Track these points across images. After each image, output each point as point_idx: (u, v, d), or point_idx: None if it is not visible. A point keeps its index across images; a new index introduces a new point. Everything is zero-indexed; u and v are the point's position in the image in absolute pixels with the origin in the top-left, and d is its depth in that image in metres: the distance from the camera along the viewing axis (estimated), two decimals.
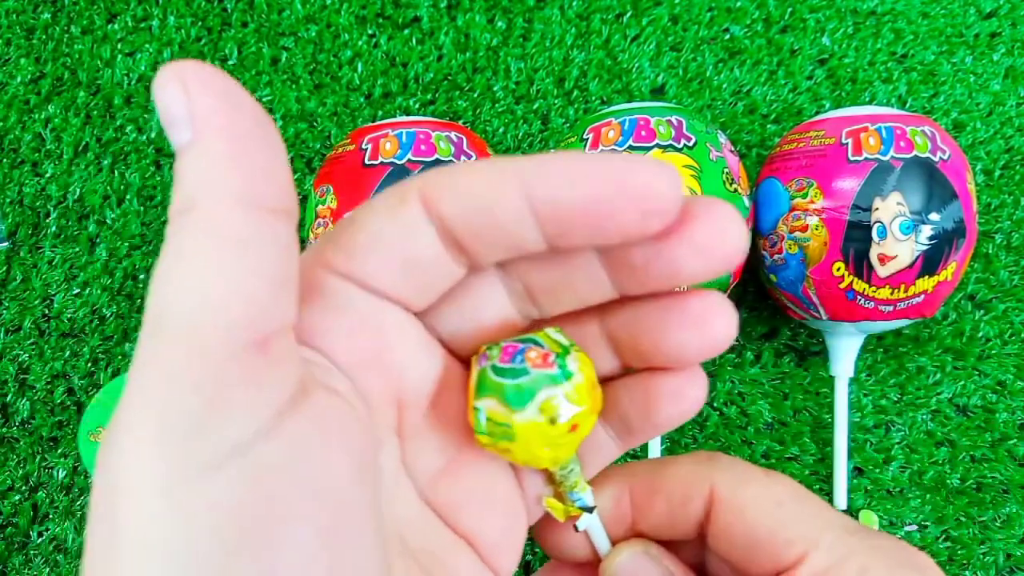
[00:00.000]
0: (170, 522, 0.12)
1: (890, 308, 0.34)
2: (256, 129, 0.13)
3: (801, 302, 0.35)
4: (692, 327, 0.17)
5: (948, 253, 0.33)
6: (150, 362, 0.13)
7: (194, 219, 0.13)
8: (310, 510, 0.13)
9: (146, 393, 0.12)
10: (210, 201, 0.13)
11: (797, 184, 0.34)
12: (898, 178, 0.32)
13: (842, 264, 0.33)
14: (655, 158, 0.17)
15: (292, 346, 0.14)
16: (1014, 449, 0.39)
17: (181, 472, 0.12)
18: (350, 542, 0.14)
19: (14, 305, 0.41)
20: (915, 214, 0.32)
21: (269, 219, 0.13)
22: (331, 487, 0.13)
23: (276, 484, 0.13)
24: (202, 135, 0.13)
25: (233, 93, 0.13)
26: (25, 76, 0.43)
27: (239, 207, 0.13)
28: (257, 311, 0.13)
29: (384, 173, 0.33)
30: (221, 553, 0.12)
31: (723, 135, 0.35)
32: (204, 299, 0.12)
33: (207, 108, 0.13)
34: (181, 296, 0.12)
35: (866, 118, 0.34)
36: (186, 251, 0.13)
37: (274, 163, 0.13)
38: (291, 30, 0.44)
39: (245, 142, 0.13)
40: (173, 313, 0.12)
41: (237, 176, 0.13)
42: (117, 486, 0.12)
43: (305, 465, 0.13)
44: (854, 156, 0.33)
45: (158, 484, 0.12)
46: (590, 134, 0.34)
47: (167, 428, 0.12)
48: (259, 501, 0.12)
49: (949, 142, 0.34)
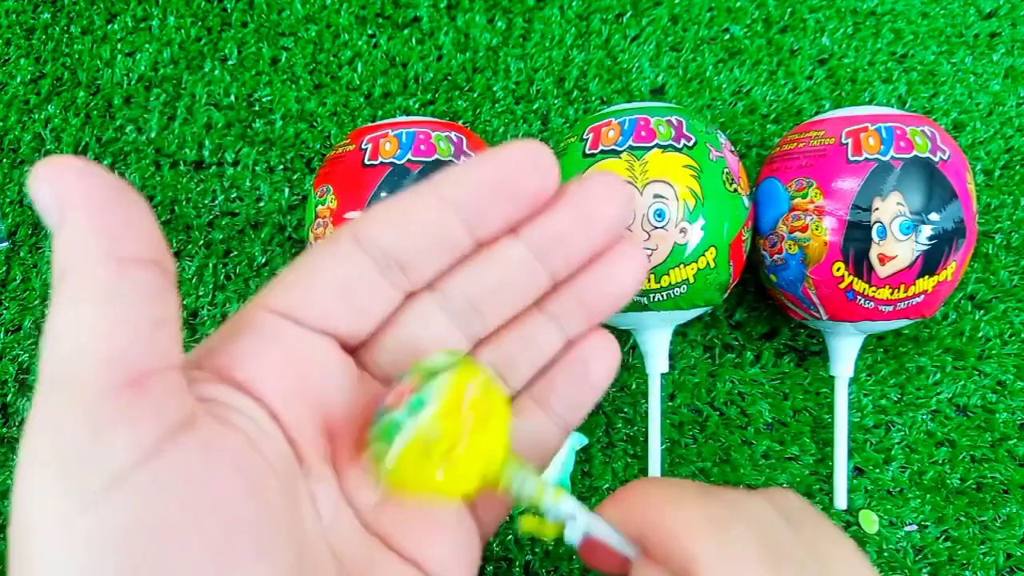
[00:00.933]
0: (70, 552, 0.13)
1: (890, 308, 0.34)
2: (114, 197, 0.15)
3: (801, 302, 0.35)
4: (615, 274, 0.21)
5: (948, 253, 0.33)
6: (40, 405, 0.14)
7: (66, 283, 0.14)
8: (197, 529, 0.14)
9: (40, 434, 0.14)
10: (75, 265, 0.14)
11: (797, 184, 0.34)
12: (898, 178, 0.32)
13: (842, 264, 0.33)
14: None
15: (175, 381, 0.15)
16: (1014, 449, 0.39)
17: (75, 503, 0.13)
18: (243, 556, 0.15)
19: (14, 305, 0.41)
20: (915, 214, 0.32)
21: (132, 270, 0.15)
22: (217, 507, 0.14)
23: (160, 507, 0.14)
24: (66, 215, 0.14)
25: (91, 173, 0.15)
26: (25, 76, 0.43)
27: (100, 265, 0.14)
28: (127, 354, 0.14)
29: (384, 173, 0.33)
30: (120, 574, 0.13)
31: (723, 135, 0.35)
32: (76, 347, 0.14)
33: (68, 191, 0.14)
34: (58, 347, 0.14)
35: (866, 118, 0.34)
36: (61, 310, 0.14)
37: (134, 222, 0.15)
38: (291, 30, 0.44)
39: (103, 210, 0.15)
40: (53, 362, 0.14)
41: (96, 240, 0.14)
42: (25, 522, 0.14)
43: (188, 488, 0.14)
44: (854, 156, 0.33)
45: (58, 515, 0.13)
46: (590, 134, 0.34)
47: (60, 463, 0.13)
48: (146, 524, 0.14)
49: (949, 142, 0.34)
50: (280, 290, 0.18)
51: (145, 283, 0.15)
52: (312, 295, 0.18)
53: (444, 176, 0.18)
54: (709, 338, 0.40)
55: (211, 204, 0.42)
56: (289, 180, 0.42)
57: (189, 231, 0.41)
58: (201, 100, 0.43)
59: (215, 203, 0.42)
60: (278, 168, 0.42)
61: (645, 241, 0.32)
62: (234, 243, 0.41)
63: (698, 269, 0.33)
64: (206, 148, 0.42)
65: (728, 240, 0.34)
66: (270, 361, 0.17)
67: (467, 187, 0.18)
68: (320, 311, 0.18)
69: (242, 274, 0.41)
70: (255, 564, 0.15)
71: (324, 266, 0.18)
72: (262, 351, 0.17)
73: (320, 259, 0.18)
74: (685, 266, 0.33)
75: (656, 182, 0.32)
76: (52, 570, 0.13)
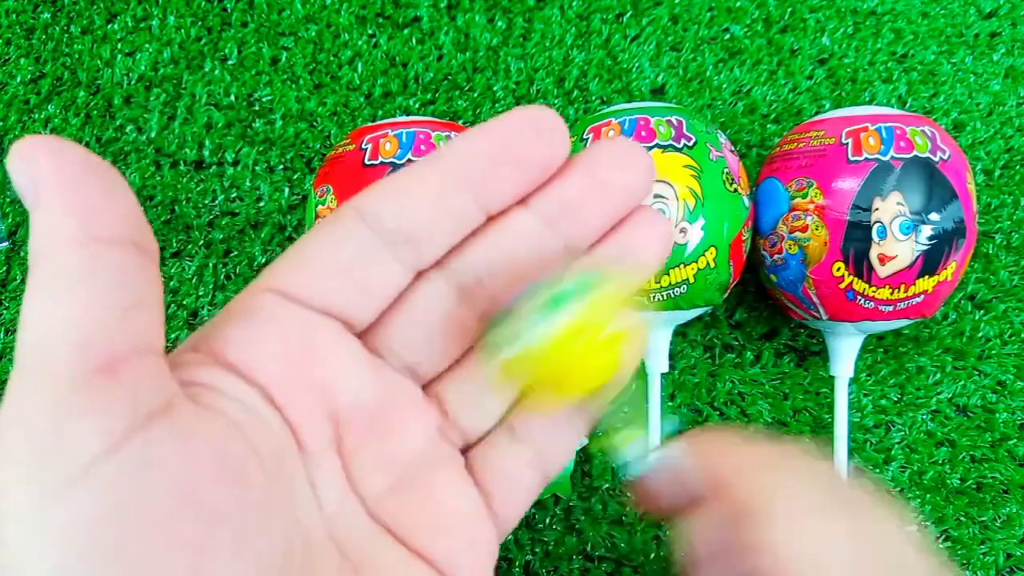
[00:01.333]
0: (40, 544, 0.13)
1: (890, 308, 0.34)
2: (89, 176, 0.14)
3: (801, 302, 0.35)
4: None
5: (948, 253, 0.33)
6: (10, 394, 0.14)
7: (38, 267, 0.14)
8: (171, 520, 0.14)
9: (10, 427, 0.13)
10: (47, 248, 0.14)
11: (797, 184, 0.34)
12: (898, 178, 0.32)
13: (842, 264, 0.33)
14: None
15: (152, 366, 0.15)
16: (1014, 449, 0.39)
17: (45, 494, 0.13)
18: (222, 547, 0.14)
19: (14, 305, 0.41)
20: (915, 214, 0.32)
21: (107, 251, 0.14)
22: (193, 496, 0.14)
23: (130, 498, 0.13)
24: (41, 195, 0.14)
25: (65, 151, 0.14)
26: (25, 76, 0.43)
27: (72, 246, 0.14)
28: (98, 338, 0.14)
29: (384, 173, 0.33)
30: (92, 568, 0.13)
31: (723, 135, 0.35)
32: (46, 332, 0.13)
33: (44, 171, 0.14)
34: (28, 333, 0.14)
35: (866, 118, 0.34)
36: (32, 295, 0.14)
37: (110, 201, 0.14)
38: (291, 30, 0.44)
39: (76, 189, 0.14)
40: (24, 349, 0.14)
41: (70, 220, 0.14)
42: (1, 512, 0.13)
43: (161, 477, 0.14)
44: (854, 156, 0.33)
45: (29, 506, 0.13)
46: (590, 134, 0.34)
47: (30, 454, 0.13)
48: (116, 516, 0.13)
49: (949, 142, 0.34)
50: (280, 270, 0.17)
51: (120, 264, 0.14)
52: (313, 274, 0.17)
53: (449, 146, 0.18)
54: (709, 338, 0.40)
55: (211, 204, 0.42)
56: (289, 180, 0.42)
57: (189, 231, 0.41)
58: (201, 100, 0.43)
59: (215, 203, 0.42)
60: (278, 168, 0.42)
61: None
62: (234, 243, 0.41)
63: (698, 269, 0.33)
64: (206, 148, 0.42)
65: (728, 240, 0.34)
66: (266, 342, 0.17)
67: (473, 156, 0.18)
68: (322, 290, 0.17)
69: (242, 274, 0.41)
70: (236, 555, 0.14)
71: (326, 243, 0.17)
72: (257, 332, 0.17)
73: (322, 236, 0.17)
74: (685, 266, 0.33)
75: (656, 182, 0.32)
76: (23, 562, 0.13)
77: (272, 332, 0.17)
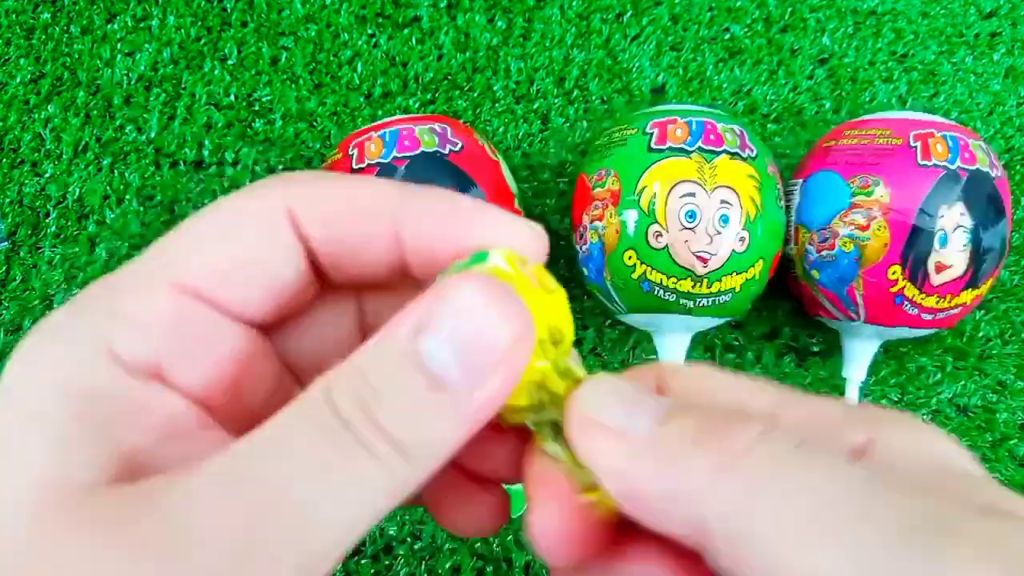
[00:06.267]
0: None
1: (930, 317, 0.33)
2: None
3: (841, 301, 0.35)
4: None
5: (990, 270, 0.33)
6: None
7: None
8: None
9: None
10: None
11: (861, 181, 0.33)
12: (963, 188, 0.32)
13: (899, 268, 0.33)
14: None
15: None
16: (1014, 449, 0.39)
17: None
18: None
19: (14, 305, 0.41)
20: (974, 227, 0.32)
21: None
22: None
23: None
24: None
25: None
26: (25, 76, 0.43)
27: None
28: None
29: (372, 175, 0.33)
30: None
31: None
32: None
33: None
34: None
35: (930, 124, 0.34)
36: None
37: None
38: (291, 30, 0.44)
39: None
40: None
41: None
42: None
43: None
44: (923, 160, 0.33)
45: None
46: (654, 128, 0.33)
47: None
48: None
49: (997, 161, 0.34)
50: (165, 254, 0.16)
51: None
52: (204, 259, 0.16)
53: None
54: (709, 338, 0.40)
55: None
56: None
57: None
58: (201, 100, 0.43)
59: None
60: (278, 168, 0.42)
61: (707, 245, 0.32)
62: None
63: (746, 279, 0.33)
64: (206, 148, 0.42)
65: (773, 254, 0.34)
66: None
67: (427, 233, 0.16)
68: (214, 281, 0.16)
69: None
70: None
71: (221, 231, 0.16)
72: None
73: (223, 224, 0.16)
74: (737, 275, 0.33)
75: (723, 187, 0.32)
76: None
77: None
